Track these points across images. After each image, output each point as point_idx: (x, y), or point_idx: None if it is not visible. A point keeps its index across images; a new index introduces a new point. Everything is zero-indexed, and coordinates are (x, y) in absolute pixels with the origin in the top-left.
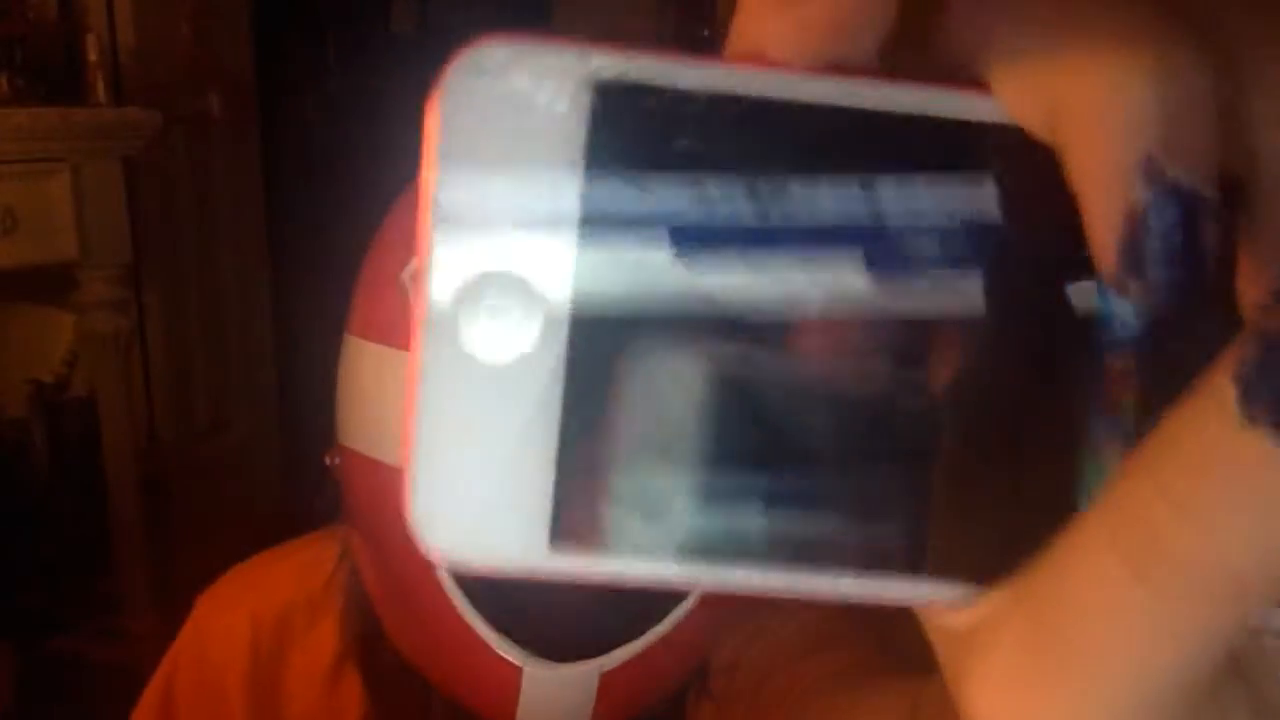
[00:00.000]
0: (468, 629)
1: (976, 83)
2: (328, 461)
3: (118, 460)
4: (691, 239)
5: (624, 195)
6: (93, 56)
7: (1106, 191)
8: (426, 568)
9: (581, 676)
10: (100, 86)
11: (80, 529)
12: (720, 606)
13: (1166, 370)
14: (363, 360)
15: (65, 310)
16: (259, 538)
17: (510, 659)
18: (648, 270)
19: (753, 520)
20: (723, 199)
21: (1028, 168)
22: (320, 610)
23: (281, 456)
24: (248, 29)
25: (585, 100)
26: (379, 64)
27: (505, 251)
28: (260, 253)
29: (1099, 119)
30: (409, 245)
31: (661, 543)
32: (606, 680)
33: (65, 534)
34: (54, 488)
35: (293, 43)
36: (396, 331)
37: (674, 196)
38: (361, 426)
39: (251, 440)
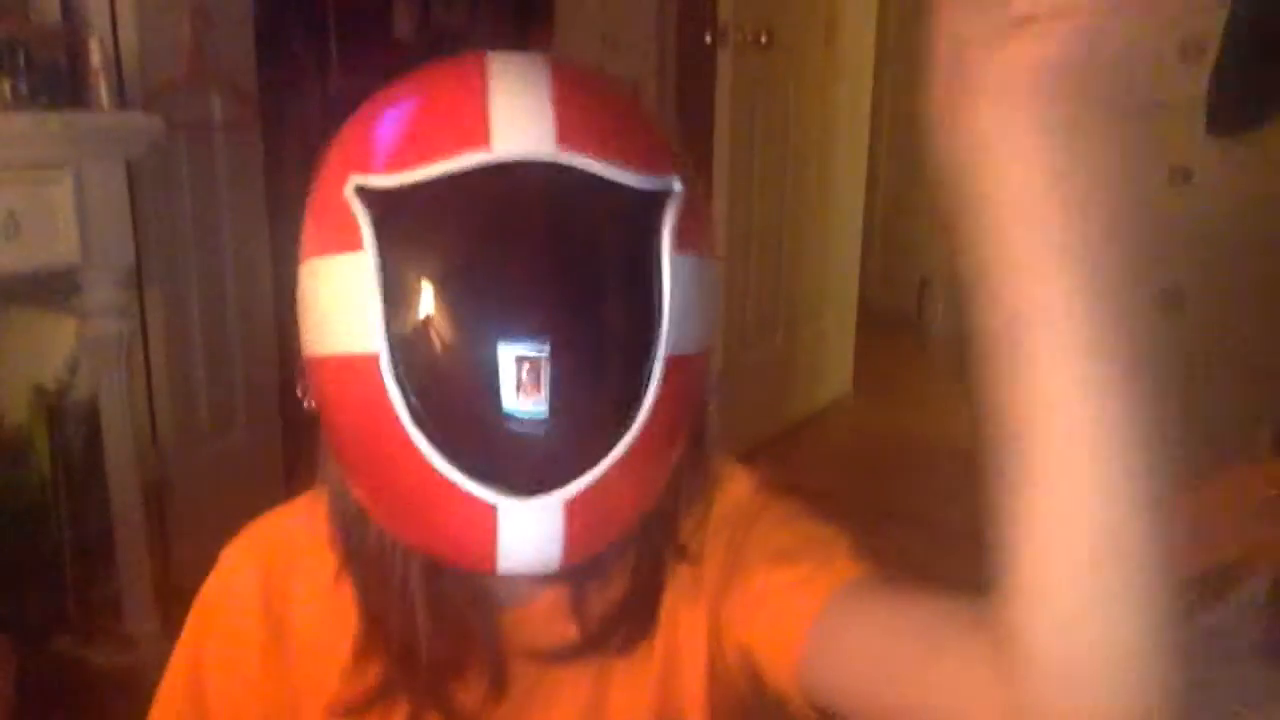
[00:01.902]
0: (443, 481)
1: None
2: (300, 396)
3: (120, 464)
4: None
5: None
6: (95, 61)
7: None
8: (400, 437)
9: (549, 507)
10: (103, 91)
11: (82, 532)
12: (663, 442)
13: None
14: (328, 272)
15: (67, 314)
16: None
17: (485, 499)
18: None
19: None
20: None
21: None
22: (321, 536)
23: (284, 460)
24: (250, 33)
25: None
26: (381, 68)
27: None
28: (262, 256)
29: None
30: (350, 166)
31: None
32: (570, 508)
33: (67, 537)
34: (56, 491)
35: (295, 47)
36: (351, 238)
37: None
38: (329, 331)
39: (254, 444)
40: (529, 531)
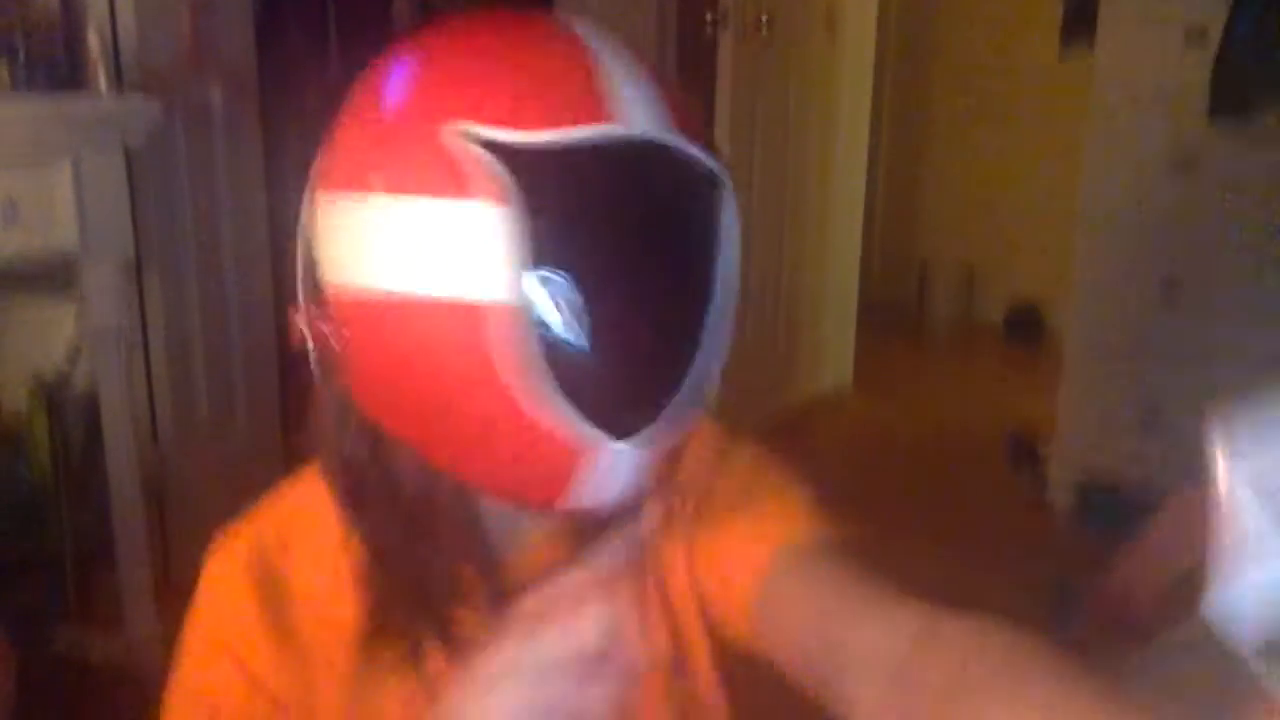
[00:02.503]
0: (546, 423)
1: None
2: (302, 330)
3: (119, 456)
4: None
5: None
6: (94, 48)
7: None
8: (508, 381)
9: (642, 444)
10: (101, 77)
11: (82, 525)
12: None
13: None
14: (419, 213)
15: (67, 303)
16: None
17: (585, 438)
18: None
19: None
20: None
21: None
22: (317, 509)
23: (284, 452)
24: (250, 21)
25: None
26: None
27: None
28: (262, 245)
29: None
30: (453, 112)
31: None
32: (649, 449)
33: (68, 532)
34: (57, 485)
35: (294, 34)
36: (461, 185)
37: None
38: (421, 273)
39: (254, 436)
40: (619, 469)
